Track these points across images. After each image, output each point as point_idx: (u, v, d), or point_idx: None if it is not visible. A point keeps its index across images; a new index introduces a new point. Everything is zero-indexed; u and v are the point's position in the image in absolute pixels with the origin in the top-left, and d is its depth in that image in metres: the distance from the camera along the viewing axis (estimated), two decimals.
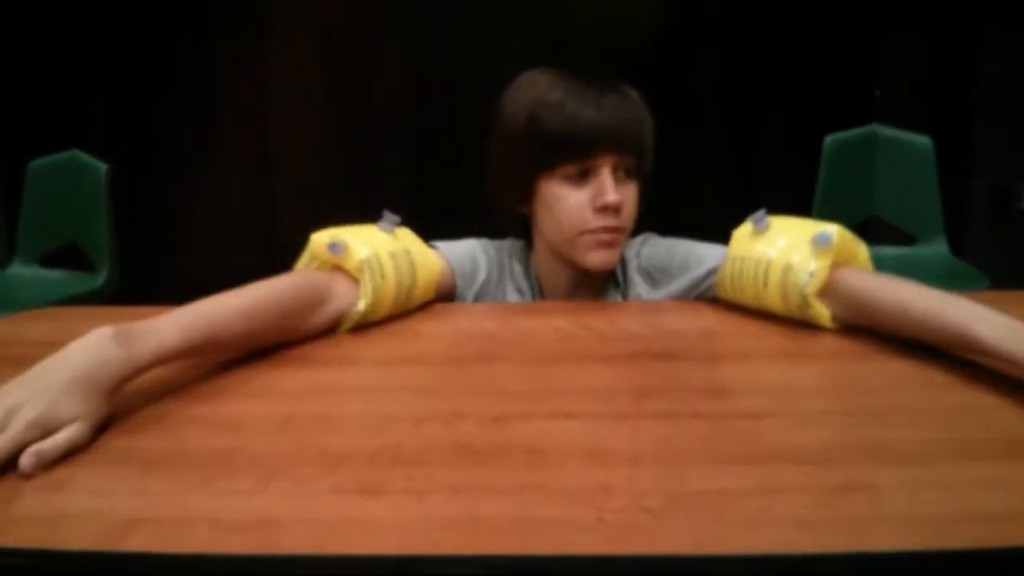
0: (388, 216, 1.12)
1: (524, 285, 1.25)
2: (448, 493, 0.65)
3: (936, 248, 2.47)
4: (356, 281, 1.03)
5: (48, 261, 2.68)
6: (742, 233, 1.10)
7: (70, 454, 0.69)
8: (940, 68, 2.98)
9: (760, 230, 1.07)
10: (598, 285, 1.23)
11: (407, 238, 1.13)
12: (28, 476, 0.66)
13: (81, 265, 2.61)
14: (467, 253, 1.22)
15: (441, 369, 0.96)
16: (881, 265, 1.04)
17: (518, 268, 1.26)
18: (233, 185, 3.30)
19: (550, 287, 1.24)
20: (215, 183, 3.28)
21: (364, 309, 1.02)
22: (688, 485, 0.65)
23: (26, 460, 0.66)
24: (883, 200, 2.57)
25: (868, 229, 2.61)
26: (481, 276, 1.22)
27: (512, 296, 1.25)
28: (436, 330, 1.08)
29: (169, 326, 0.81)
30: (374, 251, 1.04)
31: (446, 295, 1.19)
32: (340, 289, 1.02)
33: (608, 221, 1.12)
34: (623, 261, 1.25)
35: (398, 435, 0.75)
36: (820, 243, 0.99)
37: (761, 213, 1.08)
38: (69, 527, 0.61)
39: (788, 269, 1.00)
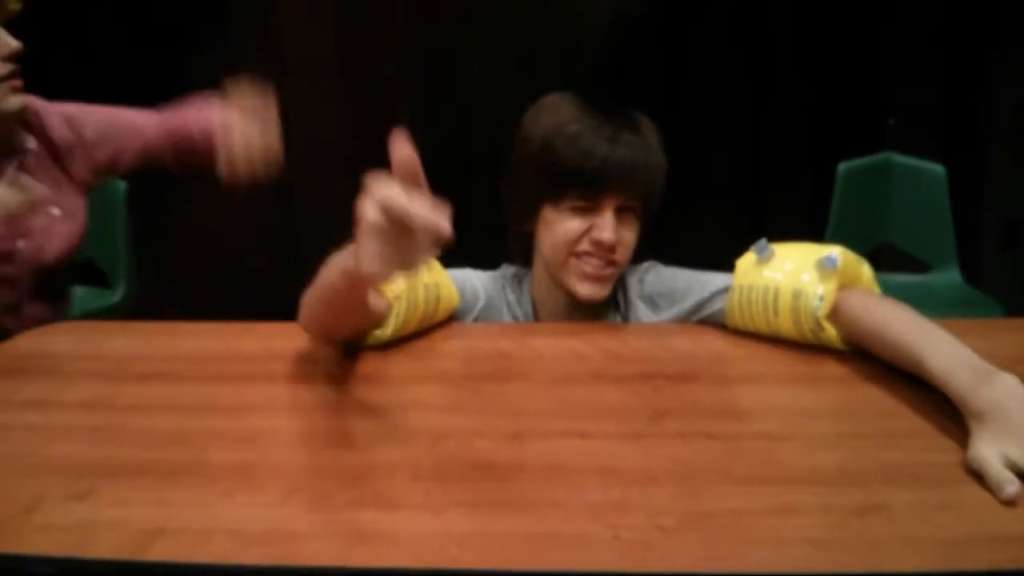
0: None
1: (519, 312, 1.25)
2: (465, 509, 0.66)
3: (949, 276, 2.46)
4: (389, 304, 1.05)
5: None
6: (746, 262, 1.11)
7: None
8: (954, 97, 2.99)
9: (764, 259, 1.08)
10: (596, 309, 1.23)
11: (437, 270, 1.14)
12: None
13: (98, 281, 2.64)
14: (468, 280, 1.23)
15: (459, 387, 0.97)
16: (894, 293, 1.04)
17: (512, 296, 1.26)
18: (252, 204, 3.32)
19: (547, 312, 1.24)
20: (233, 200, 3.31)
21: (389, 334, 1.04)
22: (703, 504, 0.66)
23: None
24: (896, 228, 2.57)
25: (881, 256, 2.61)
26: (480, 303, 1.23)
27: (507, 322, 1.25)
28: (453, 349, 1.09)
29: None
30: (412, 283, 1.06)
31: (450, 318, 1.20)
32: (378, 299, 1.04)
33: (598, 253, 1.13)
34: (624, 286, 1.25)
35: (417, 451, 0.76)
36: (826, 266, 1.00)
37: (763, 242, 1.09)
38: (92, 537, 0.62)
39: (798, 295, 1.01)
